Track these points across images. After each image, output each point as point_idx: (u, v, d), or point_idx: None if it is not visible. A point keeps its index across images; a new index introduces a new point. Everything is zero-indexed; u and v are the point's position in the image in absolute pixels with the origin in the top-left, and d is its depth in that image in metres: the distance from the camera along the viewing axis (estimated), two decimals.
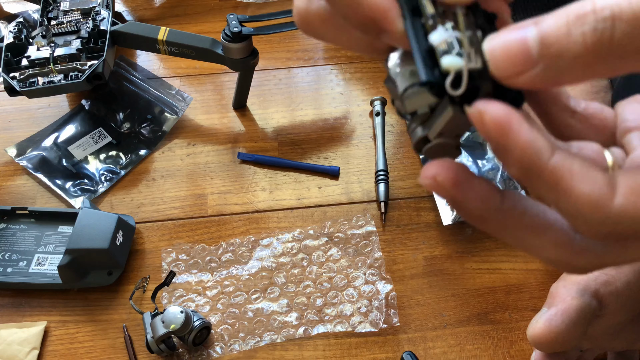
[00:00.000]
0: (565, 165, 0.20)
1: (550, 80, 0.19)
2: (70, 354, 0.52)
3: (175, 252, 0.58)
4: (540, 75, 0.19)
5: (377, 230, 0.59)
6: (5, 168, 0.64)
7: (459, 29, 0.21)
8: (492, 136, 0.20)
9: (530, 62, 0.19)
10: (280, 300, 0.55)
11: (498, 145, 0.20)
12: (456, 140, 0.22)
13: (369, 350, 0.52)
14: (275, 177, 0.63)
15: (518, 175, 0.21)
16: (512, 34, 0.19)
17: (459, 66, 0.20)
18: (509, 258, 0.57)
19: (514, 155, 0.20)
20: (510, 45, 0.19)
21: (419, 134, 0.22)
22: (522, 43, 0.19)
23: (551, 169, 0.20)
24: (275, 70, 0.72)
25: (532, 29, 0.19)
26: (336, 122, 0.68)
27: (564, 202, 0.20)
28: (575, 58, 0.18)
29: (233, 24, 0.59)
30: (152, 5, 0.80)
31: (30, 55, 0.60)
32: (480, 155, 0.62)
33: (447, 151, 0.22)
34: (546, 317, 0.36)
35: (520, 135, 0.20)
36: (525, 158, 0.20)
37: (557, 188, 0.20)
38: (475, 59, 0.20)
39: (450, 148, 0.22)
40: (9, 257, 0.57)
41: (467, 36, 0.20)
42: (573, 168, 0.20)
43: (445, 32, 0.20)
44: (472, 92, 0.20)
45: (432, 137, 0.22)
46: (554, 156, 0.20)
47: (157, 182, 0.63)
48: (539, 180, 0.20)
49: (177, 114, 0.67)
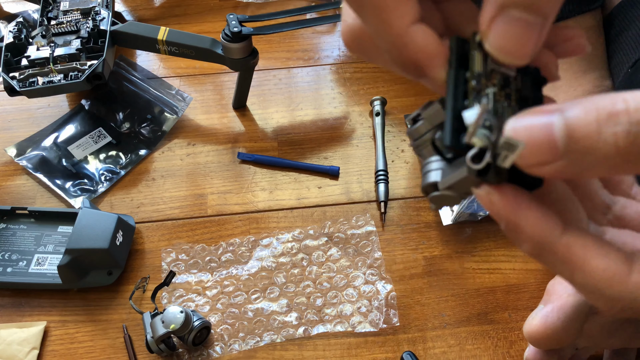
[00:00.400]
0: (578, 241, 0.20)
1: (575, 174, 0.19)
2: (70, 353, 0.52)
3: (175, 252, 0.58)
4: (565, 168, 0.18)
5: (377, 230, 0.59)
6: (5, 168, 0.64)
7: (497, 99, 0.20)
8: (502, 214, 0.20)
9: (555, 154, 0.18)
10: (280, 300, 0.55)
11: (509, 224, 0.20)
12: (463, 196, 0.22)
13: (369, 350, 0.52)
14: (275, 177, 0.63)
15: (531, 251, 0.21)
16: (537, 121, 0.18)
17: (484, 144, 0.19)
18: (509, 258, 0.57)
19: (526, 232, 0.20)
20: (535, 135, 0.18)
21: (431, 180, 0.22)
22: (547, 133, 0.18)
23: (564, 243, 0.20)
24: (275, 70, 0.72)
25: (558, 119, 0.18)
26: (336, 122, 0.68)
27: (579, 277, 0.20)
28: (605, 159, 0.17)
29: (233, 23, 0.59)
30: (152, 5, 0.80)
31: (30, 55, 0.60)
32: None
33: (451, 202, 0.23)
34: (542, 313, 0.36)
35: (530, 212, 0.20)
36: (537, 234, 0.20)
37: (570, 263, 0.20)
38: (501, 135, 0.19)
39: (455, 200, 0.22)
40: (8, 257, 0.57)
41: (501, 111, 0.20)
42: (587, 244, 0.20)
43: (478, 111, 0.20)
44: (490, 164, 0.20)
45: (442, 188, 0.22)
46: (567, 232, 0.20)
47: (157, 182, 0.63)
48: (552, 255, 0.20)
49: (177, 113, 0.67)
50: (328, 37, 0.76)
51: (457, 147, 0.20)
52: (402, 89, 0.70)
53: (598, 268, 0.20)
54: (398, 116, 0.67)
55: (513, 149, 0.19)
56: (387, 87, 0.70)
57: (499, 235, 0.58)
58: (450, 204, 0.22)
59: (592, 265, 0.20)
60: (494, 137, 0.19)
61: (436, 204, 0.23)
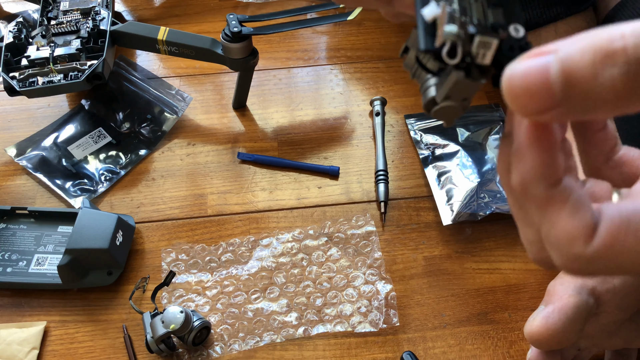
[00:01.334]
0: (562, 195, 0.20)
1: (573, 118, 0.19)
2: (70, 354, 0.52)
3: (175, 252, 0.58)
4: (564, 114, 0.18)
5: (376, 230, 0.59)
6: (5, 168, 0.64)
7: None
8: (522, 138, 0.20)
9: (552, 101, 0.18)
10: (280, 300, 0.55)
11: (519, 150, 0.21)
12: (463, 103, 0.23)
13: (369, 350, 0.52)
14: (275, 177, 0.63)
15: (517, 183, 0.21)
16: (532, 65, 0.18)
17: (453, 38, 0.20)
18: (509, 258, 0.57)
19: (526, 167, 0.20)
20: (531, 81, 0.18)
21: (429, 95, 0.23)
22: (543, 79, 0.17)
23: (547, 196, 0.21)
24: (275, 70, 0.72)
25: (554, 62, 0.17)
26: (336, 122, 0.68)
27: (547, 229, 0.21)
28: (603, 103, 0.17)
29: (233, 23, 0.59)
30: (152, 5, 0.80)
31: (30, 55, 0.60)
32: (480, 155, 0.62)
33: (454, 112, 0.23)
34: (543, 314, 0.36)
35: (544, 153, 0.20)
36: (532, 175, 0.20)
37: (545, 214, 0.21)
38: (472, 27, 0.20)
39: (456, 109, 0.23)
40: (8, 257, 0.57)
41: (464, 8, 0.21)
42: (568, 200, 0.20)
43: (436, 7, 0.21)
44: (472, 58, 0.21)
45: (439, 100, 0.23)
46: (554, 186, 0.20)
47: (156, 182, 0.63)
48: (533, 200, 0.21)
49: (176, 113, 0.67)
50: (328, 37, 0.76)
51: (431, 49, 0.21)
52: (402, 89, 0.70)
53: (564, 228, 0.20)
54: (398, 116, 0.67)
55: (489, 46, 0.20)
56: (387, 87, 0.70)
57: (499, 236, 0.58)
58: (453, 115, 0.23)
59: (560, 223, 0.21)
60: (463, 32, 0.20)
61: (441, 119, 0.24)
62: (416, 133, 0.65)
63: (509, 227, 0.59)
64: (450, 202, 0.58)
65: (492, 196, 0.58)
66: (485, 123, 0.65)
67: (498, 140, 0.63)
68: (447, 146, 0.63)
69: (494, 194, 0.58)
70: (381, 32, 0.76)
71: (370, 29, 0.76)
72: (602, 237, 0.20)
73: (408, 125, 0.66)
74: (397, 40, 0.75)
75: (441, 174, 0.61)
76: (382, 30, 0.76)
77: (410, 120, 0.67)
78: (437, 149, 0.63)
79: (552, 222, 0.21)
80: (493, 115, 0.66)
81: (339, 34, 0.76)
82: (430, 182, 0.60)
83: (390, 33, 0.76)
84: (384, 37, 0.75)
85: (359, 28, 0.77)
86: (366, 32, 0.76)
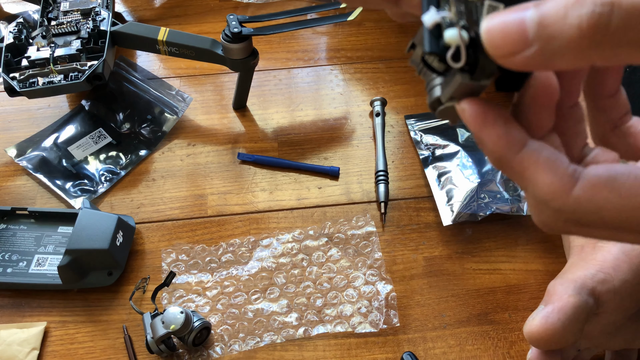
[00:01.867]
0: (532, 157, 0.22)
1: (543, 63, 0.20)
2: (70, 354, 0.52)
3: (175, 252, 0.58)
4: (534, 56, 0.19)
5: (377, 231, 0.59)
6: (5, 168, 0.64)
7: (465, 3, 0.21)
8: (472, 129, 0.23)
9: (525, 42, 0.19)
10: (280, 301, 0.55)
11: (476, 137, 0.23)
12: None
13: (369, 350, 0.52)
14: (275, 178, 0.63)
15: (492, 162, 0.23)
16: (512, 15, 0.19)
17: (457, 40, 0.21)
18: (509, 259, 0.57)
19: (488, 147, 0.23)
20: (508, 26, 0.19)
21: (434, 95, 0.24)
22: (519, 23, 0.19)
23: (519, 160, 0.22)
24: (275, 71, 0.72)
25: (532, 11, 0.19)
26: (336, 123, 0.68)
27: (530, 189, 0.23)
28: (569, 42, 0.18)
29: (233, 24, 0.59)
30: (152, 5, 0.80)
31: (30, 56, 0.60)
32: (480, 155, 0.62)
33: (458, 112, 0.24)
34: (543, 314, 0.36)
35: (493, 129, 0.22)
36: (496, 150, 0.22)
37: (523, 177, 0.23)
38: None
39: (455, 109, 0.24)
40: (8, 258, 0.57)
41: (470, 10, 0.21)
42: (539, 160, 0.22)
43: (436, 13, 0.21)
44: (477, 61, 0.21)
45: (444, 100, 0.24)
46: (523, 149, 0.22)
47: (157, 182, 0.63)
48: (508, 169, 0.23)
49: (177, 114, 0.67)
50: (328, 38, 0.76)
51: (436, 51, 0.22)
52: (402, 89, 0.70)
53: (545, 182, 0.22)
54: (398, 117, 0.67)
55: None
56: (387, 87, 0.70)
57: (499, 236, 0.58)
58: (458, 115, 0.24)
59: (540, 179, 0.22)
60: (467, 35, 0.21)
61: (446, 118, 0.24)
62: (416, 133, 0.65)
63: (509, 228, 0.59)
64: (451, 203, 0.58)
65: (492, 196, 0.58)
66: None
67: None
68: (447, 147, 0.63)
69: (494, 195, 0.58)
70: (381, 33, 0.76)
71: (370, 30, 0.76)
72: (581, 187, 0.22)
73: (408, 125, 0.66)
74: (397, 41, 0.75)
75: (441, 175, 0.61)
76: (382, 31, 0.76)
77: (410, 120, 0.67)
78: (437, 149, 0.63)
79: (533, 183, 0.22)
80: None
81: (339, 34, 0.76)
82: (430, 182, 0.60)
83: (390, 33, 0.76)
84: (384, 37, 0.75)
85: (359, 28, 0.77)
86: (366, 33, 0.76)
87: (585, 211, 0.22)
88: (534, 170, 0.22)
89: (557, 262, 0.56)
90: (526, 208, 0.57)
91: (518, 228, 0.59)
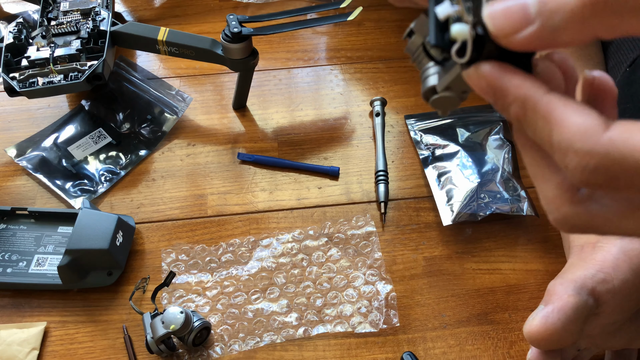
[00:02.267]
0: (561, 99, 0.21)
1: (547, 39, 0.20)
2: (70, 354, 0.52)
3: (175, 252, 0.58)
4: (537, 33, 0.19)
5: (377, 231, 0.59)
6: (5, 168, 0.64)
7: None
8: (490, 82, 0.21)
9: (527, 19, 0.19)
10: (280, 301, 0.55)
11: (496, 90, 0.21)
12: (462, 95, 0.23)
13: (369, 350, 0.52)
14: (275, 178, 0.63)
15: (517, 113, 0.22)
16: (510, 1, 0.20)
17: (464, 36, 0.21)
18: (509, 258, 0.57)
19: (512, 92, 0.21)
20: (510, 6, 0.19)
21: (429, 84, 0.24)
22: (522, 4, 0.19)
23: (546, 100, 0.21)
24: (275, 71, 0.72)
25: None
26: (336, 123, 0.68)
27: (557, 134, 0.21)
28: (571, 13, 0.18)
29: (233, 24, 0.59)
30: (152, 5, 0.80)
31: (30, 56, 0.60)
32: (480, 155, 0.62)
33: (452, 103, 0.24)
34: (542, 314, 0.36)
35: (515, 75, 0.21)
36: (521, 92, 0.21)
37: (549, 118, 0.21)
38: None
39: (454, 100, 0.24)
40: (8, 258, 0.57)
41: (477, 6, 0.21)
42: (569, 103, 0.21)
43: (450, 6, 0.21)
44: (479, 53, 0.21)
45: (440, 90, 0.23)
46: (549, 93, 0.21)
47: (157, 182, 0.63)
48: (535, 114, 0.21)
49: (177, 114, 0.67)
50: (328, 38, 0.76)
51: (441, 45, 0.22)
52: (402, 89, 0.70)
53: (575, 123, 0.20)
54: (398, 117, 0.67)
55: None
56: (387, 87, 0.70)
57: (499, 236, 0.58)
58: (450, 105, 0.24)
59: (569, 120, 0.21)
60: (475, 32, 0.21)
61: (438, 108, 0.24)
62: (416, 133, 0.65)
63: (509, 228, 0.59)
64: (451, 203, 0.58)
65: (492, 196, 0.58)
66: (485, 123, 0.65)
67: (498, 140, 0.63)
68: (447, 146, 0.63)
69: (494, 195, 0.58)
70: (381, 33, 0.76)
71: (370, 30, 0.76)
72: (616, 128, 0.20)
73: (408, 125, 0.66)
74: (397, 41, 0.75)
75: (441, 175, 0.61)
76: (382, 31, 0.76)
77: (410, 120, 0.67)
78: (437, 149, 0.63)
79: (561, 124, 0.21)
80: (493, 115, 0.66)
81: (339, 34, 0.76)
82: (430, 182, 0.60)
83: (390, 33, 0.76)
84: (384, 37, 0.75)
85: (359, 28, 0.77)
86: (366, 33, 0.76)
87: (618, 155, 0.20)
88: (562, 110, 0.21)
89: (557, 262, 0.56)
90: (526, 208, 0.57)
91: (518, 228, 0.59)
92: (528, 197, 0.58)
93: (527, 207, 0.57)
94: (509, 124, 0.65)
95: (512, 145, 0.63)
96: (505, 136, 0.64)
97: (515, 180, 0.60)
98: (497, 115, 0.66)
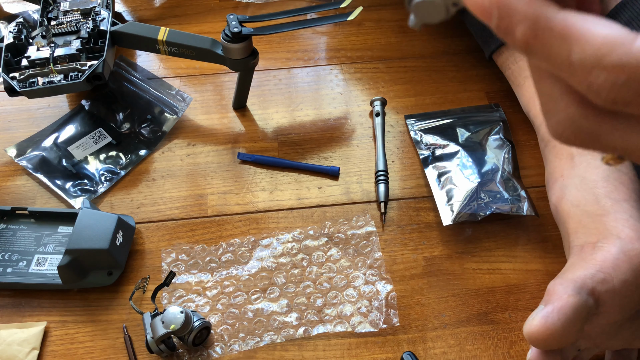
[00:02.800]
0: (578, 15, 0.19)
1: None
2: (70, 354, 0.52)
3: (175, 252, 0.58)
4: None
5: (377, 231, 0.59)
6: (5, 168, 0.64)
7: None
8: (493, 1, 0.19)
9: None
10: (280, 301, 0.55)
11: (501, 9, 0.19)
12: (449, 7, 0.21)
13: (369, 350, 0.52)
14: (275, 177, 0.63)
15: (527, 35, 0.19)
16: None
17: None
18: (509, 258, 0.57)
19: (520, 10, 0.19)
20: None
21: None
22: None
23: (562, 17, 0.19)
24: (275, 71, 0.72)
25: None
26: (336, 123, 0.68)
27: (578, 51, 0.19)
28: None
29: (233, 24, 0.59)
30: (152, 5, 0.80)
31: (30, 56, 0.60)
32: (480, 155, 0.62)
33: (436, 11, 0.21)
34: (542, 314, 0.36)
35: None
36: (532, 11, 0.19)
37: (568, 36, 0.19)
38: None
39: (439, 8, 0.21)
40: (8, 258, 0.57)
41: None
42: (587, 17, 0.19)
43: None
44: None
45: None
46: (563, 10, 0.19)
47: (157, 182, 0.63)
48: (549, 33, 0.19)
49: (177, 114, 0.67)
50: (328, 38, 0.76)
51: None
52: (402, 89, 0.70)
53: (600, 34, 0.18)
54: (398, 116, 0.67)
55: None
56: (387, 87, 0.70)
57: (499, 236, 0.58)
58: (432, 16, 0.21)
59: (593, 33, 0.18)
60: None
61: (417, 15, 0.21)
62: (416, 133, 0.65)
63: (509, 228, 0.59)
64: (451, 203, 0.58)
65: (492, 196, 0.58)
66: (485, 123, 0.65)
67: (498, 140, 0.63)
68: (447, 146, 0.63)
69: (494, 194, 0.58)
70: (381, 33, 0.76)
71: (370, 29, 0.76)
72: None
73: (408, 125, 0.66)
74: (397, 41, 0.75)
75: (441, 174, 0.61)
76: (382, 31, 0.76)
77: (410, 120, 0.67)
78: (437, 149, 0.63)
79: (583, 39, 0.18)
80: (493, 115, 0.66)
81: (339, 34, 0.76)
82: (430, 182, 0.60)
83: (390, 33, 0.76)
84: (384, 37, 0.75)
85: (359, 28, 0.77)
86: (366, 33, 0.76)
87: None
88: (582, 24, 0.18)
89: (557, 262, 0.56)
90: (526, 208, 0.57)
91: (518, 228, 0.59)
92: (528, 197, 0.58)
93: (527, 207, 0.57)
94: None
95: (512, 145, 0.63)
96: (505, 136, 0.64)
97: (515, 180, 0.60)
98: (497, 115, 0.66)
